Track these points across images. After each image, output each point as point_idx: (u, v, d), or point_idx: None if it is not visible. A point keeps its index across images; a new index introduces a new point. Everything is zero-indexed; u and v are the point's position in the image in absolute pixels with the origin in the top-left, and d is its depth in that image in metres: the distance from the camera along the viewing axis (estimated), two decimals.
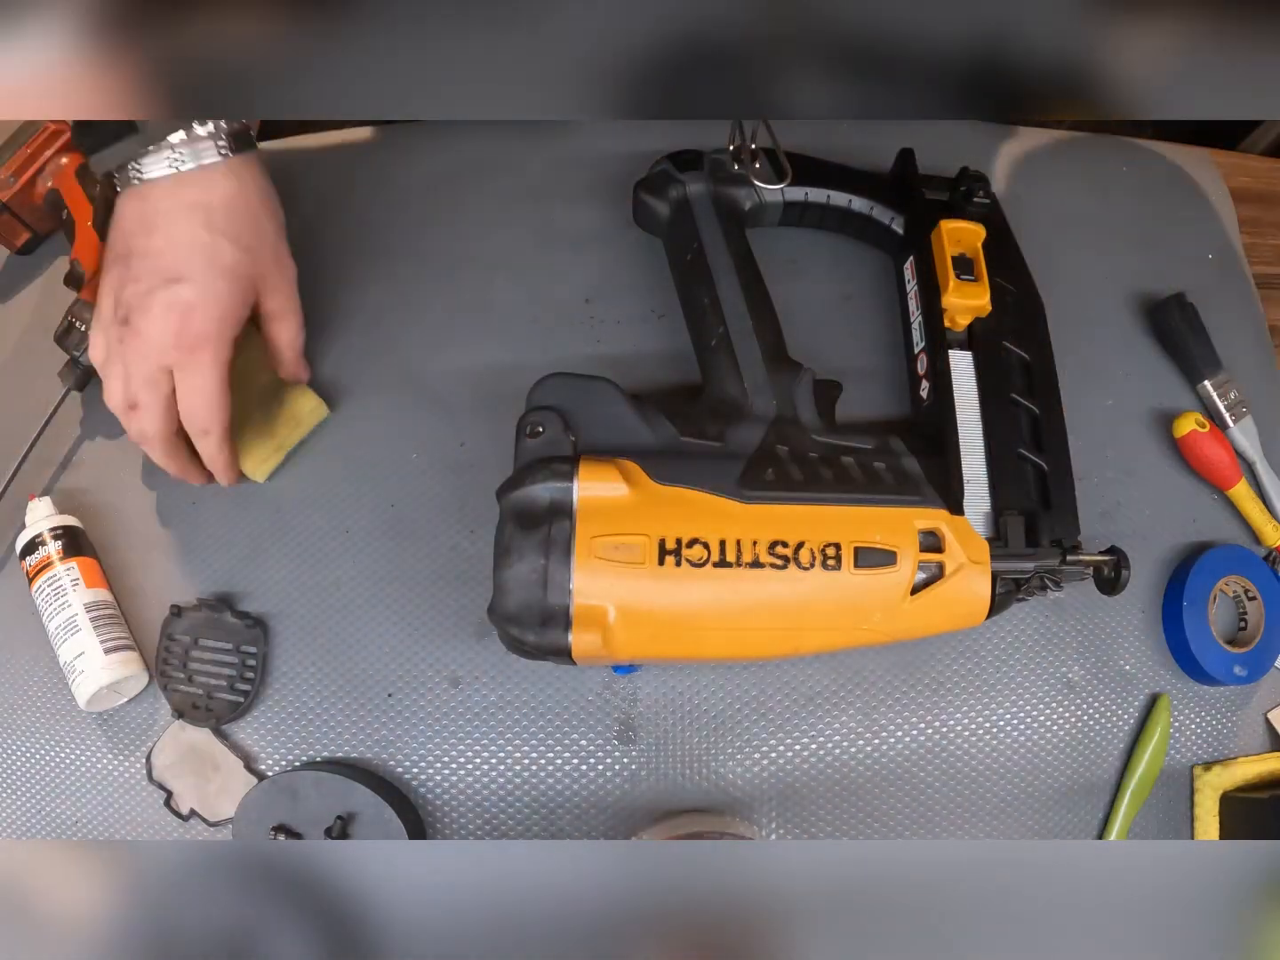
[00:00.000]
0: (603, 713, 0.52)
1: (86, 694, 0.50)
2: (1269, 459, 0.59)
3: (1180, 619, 0.54)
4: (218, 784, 0.51)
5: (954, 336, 0.54)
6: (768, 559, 0.44)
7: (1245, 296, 0.66)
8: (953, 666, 0.54)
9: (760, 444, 0.49)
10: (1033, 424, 0.52)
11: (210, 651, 0.53)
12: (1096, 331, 0.62)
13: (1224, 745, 0.54)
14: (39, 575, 0.52)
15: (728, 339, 0.53)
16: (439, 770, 0.52)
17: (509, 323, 0.61)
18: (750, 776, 0.52)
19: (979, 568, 0.46)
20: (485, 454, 0.57)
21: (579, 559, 0.43)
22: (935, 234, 0.56)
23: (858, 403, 0.56)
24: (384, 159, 0.68)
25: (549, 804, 0.51)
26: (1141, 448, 0.59)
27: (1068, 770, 0.53)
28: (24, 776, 0.53)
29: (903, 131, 0.64)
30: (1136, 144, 0.70)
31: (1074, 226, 0.66)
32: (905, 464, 0.49)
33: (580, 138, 0.67)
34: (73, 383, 0.58)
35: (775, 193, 0.59)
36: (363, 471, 0.57)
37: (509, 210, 0.65)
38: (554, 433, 0.47)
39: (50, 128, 0.62)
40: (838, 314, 0.62)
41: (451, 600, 0.54)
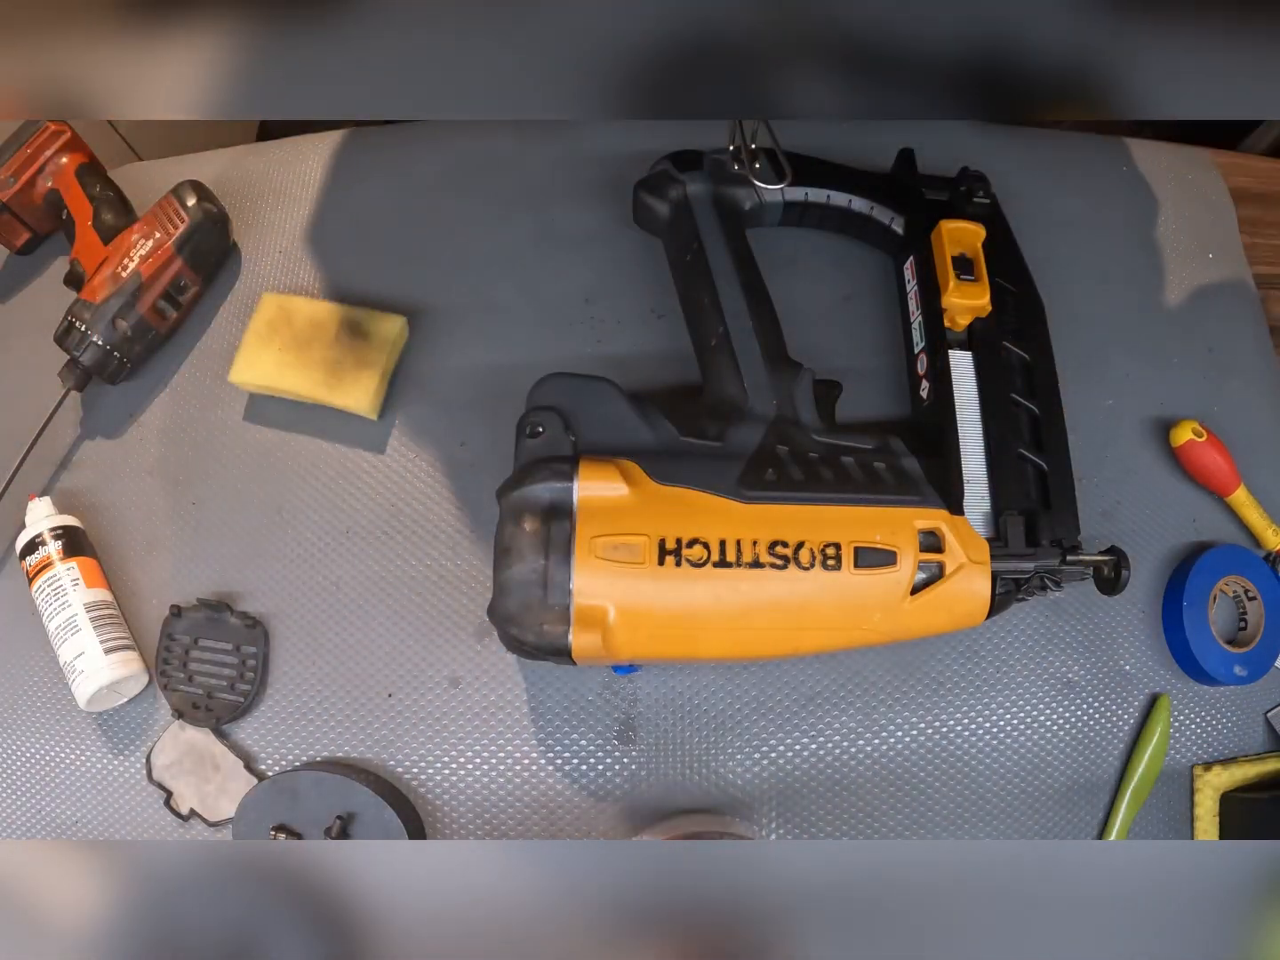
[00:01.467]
0: (603, 713, 0.52)
1: (86, 694, 0.50)
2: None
3: (1180, 619, 0.54)
4: (218, 784, 0.51)
5: (954, 336, 0.54)
6: (768, 559, 0.44)
7: (1245, 296, 0.66)
8: (953, 666, 0.54)
9: (760, 444, 0.49)
10: (1033, 424, 0.52)
11: (210, 651, 0.53)
12: (1096, 331, 0.62)
13: (1224, 745, 0.54)
14: (39, 575, 0.52)
15: (728, 339, 0.53)
16: (439, 770, 0.52)
17: (509, 323, 0.61)
18: (750, 776, 0.52)
19: (979, 568, 0.46)
20: (485, 454, 0.57)
21: (579, 559, 0.43)
22: (935, 234, 0.56)
23: (858, 403, 0.56)
24: (384, 158, 0.68)
25: (549, 804, 0.51)
26: (1141, 448, 0.59)
27: (1068, 770, 0.53)
28: (24, 776, 0.53)
29: (903, 131, 0.64)
30: (1136, 144, 0.70)
31: (1074, 226, 0.66)
32: (905, 464, 0.49)
33: (580, 138, 0.67)
34: (73, 383, 0.58)
35: (775, 193, 0.59)
36: (363, 472, 0.57)
37: (509, 210, 0.65)
38: (554, 433, 0.47)
39: (50, 127, 0.62)
40: (838, 314, 0.62)
41: (451, 600, 0.54)
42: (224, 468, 0.58)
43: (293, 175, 0.68)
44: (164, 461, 0.59)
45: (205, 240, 0.61)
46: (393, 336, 0.58)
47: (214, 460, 0.58)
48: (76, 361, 0.57)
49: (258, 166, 0.68)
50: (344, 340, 0.57)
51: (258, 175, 0.68)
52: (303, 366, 0.57)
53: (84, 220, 0.60)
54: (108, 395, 0.61)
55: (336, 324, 0.58)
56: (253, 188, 0.67)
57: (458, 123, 0.68)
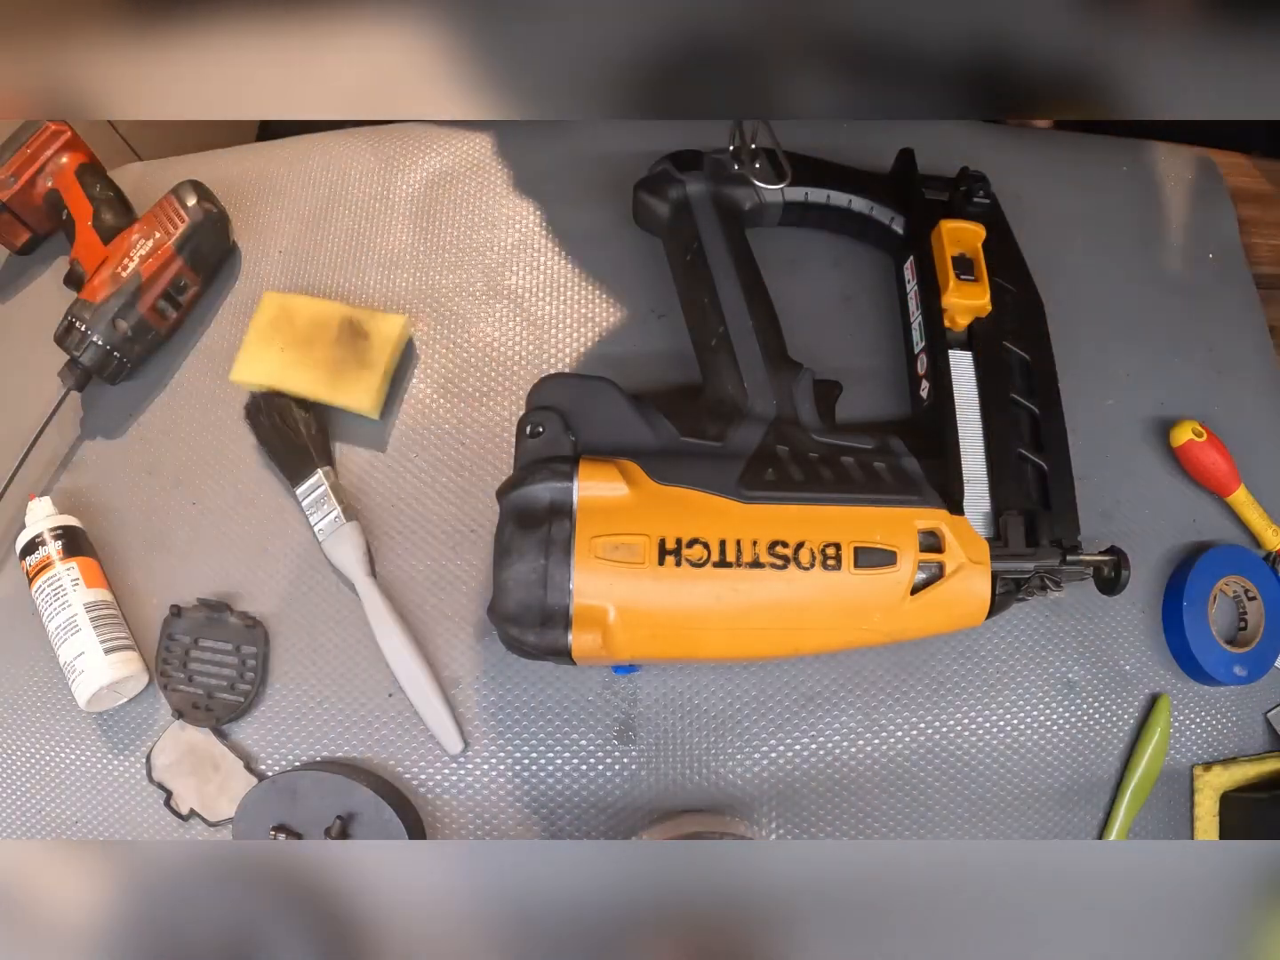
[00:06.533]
0: (603, 713, 0.52)
1: (86, 694, 0.50)
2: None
3: (1180, 619, 0.54)
4: (217, 784, 0.51)
5: (954, 336, 0.54)
6: (768, 559, 0.44)
7: (1245, 296, 0.66)
8: (953, 666, 0.54)
9: (760, 444, 0.49)
10: (1033, 424, 0.52)
11: (210, 652, 0.53)
12: (1096, 331, 0.62)
13: (1224, 745, 0.54)
14: (39, 575, 0.52)
15: (728, 339, 0.53)
16: (439, 770, 0.52)
17: (509, 322, 0.61)
18: (750, 776, 0.52)
19: (979, 568, 0.46)
20: (485, 453, 0.57)
21: (579, 559, 0.43)
22: (935, 234, 0.56)
23: (858, 403, 0.56)
24: (384, 158, 0.68)
25: (549, 804, 0.51)
26: (1141, 448, 0.59)
27: (1068, 770, 0.53)
28: (24, 776, 0.53)
29: (903, 131, 0.64)
30: (1136, 144, 0.70)
31: (1074, 226, 0.66)
32: (905, 464, 0.49)
33: (580, 138, 0.67)
34: (73, 383, 0.58)
35: (775, 193, 0.59)
36: (362, 471, 0.57)
37: (509, 210, 0.65)
38: (554, 433, 0.47)
39: (50, 127, 0.62)
40: (838, 314, 0.62)
41: (451, 600, 0.54)
42: (224, 468, 0.58)
43: (293, 175, 0.68)
44: (164, 461, 0.59)
45: (205, 240, 0.61)
46: (394, 336, 0.58)
47: (214, 460, 0.58)
48: (76, 361, 0.57)
49: (258, 166, 0.68)
50: (345, 339, 0.57)
51: (258, 175, 0.68)
52: (305, 366, 0.57)
53: (84, 220, 0.60)
54: (108, 395, 0.61)
55: (338, 323, 0.58)
56: (253, 188, 0.67)
57: (458, 122, 0.68)
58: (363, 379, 0.57)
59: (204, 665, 0.53)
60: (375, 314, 0.58)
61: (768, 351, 0.52)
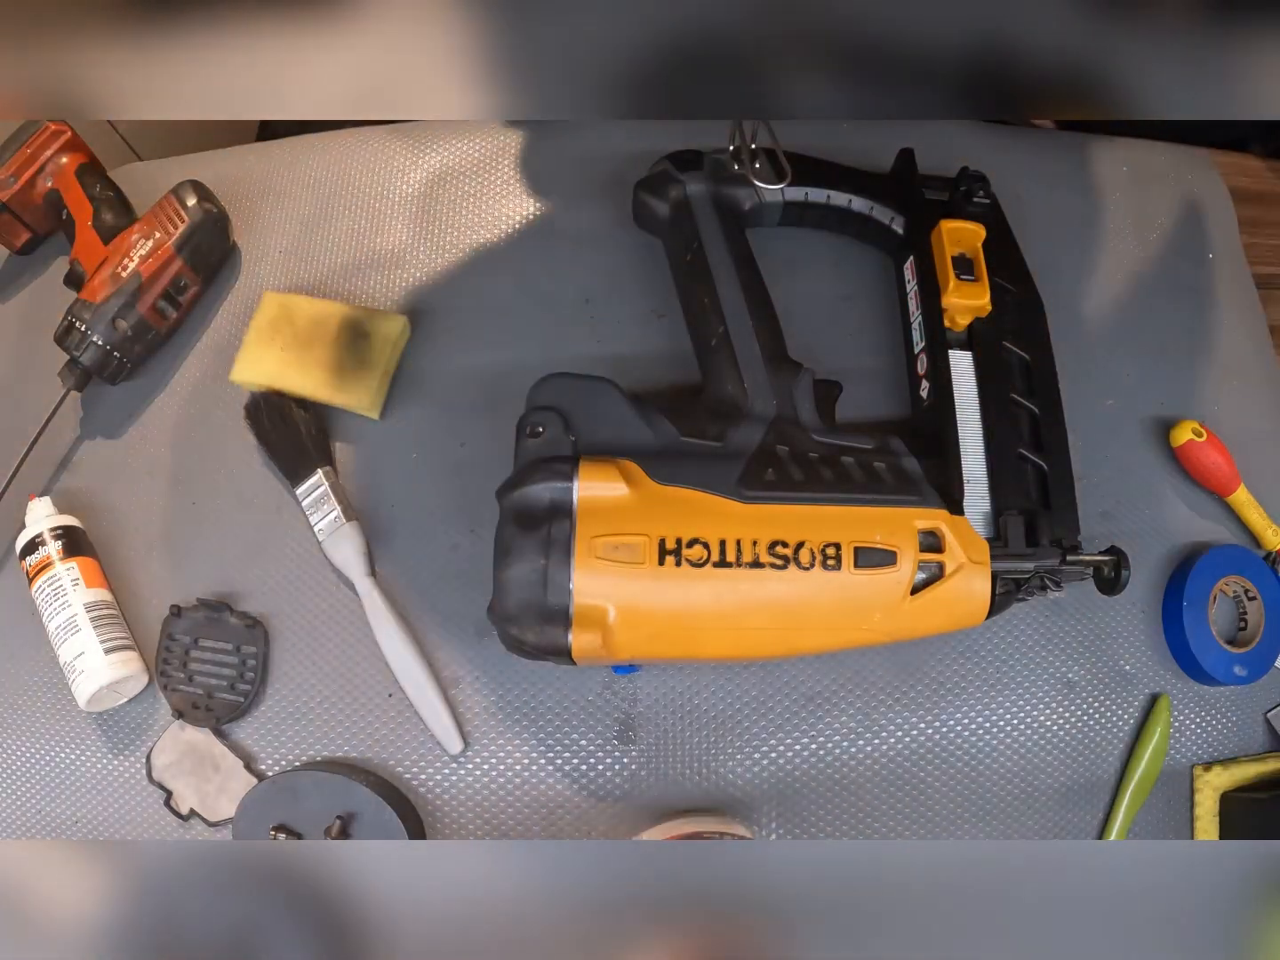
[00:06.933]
0: (603, 713, 0.52)
1: (86, 694, 0.50)
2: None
3: (1180, 619, 0.54)
4: (218, 784, 0.51)
5: (954, 336, 0.54)
6: (768, 559, 0.44)
7: (1245, 296, 0.66)
8: (953, 666, 0.54)
9: (760, 444, 0.49)
10: (1033, 424, 0.52)
11: (210, 651, 0.53)
12: (1097, 331, 0.62)
13: (1224, 745, 0.54)
14: (39, 575, 0.52)
15: (728, 339, 0.53)
16: (439, 770, 0.52)
17: (509, 323, 0.61)
18: (750, 776, 0.52)
19: (979, 568, 0.46)
20: (485, 454, 0.57)
21: (579, 559, 0.43)
22: (935, 234, 0.56)
23: (858, 403, 0.56)
24: (384, 158, 0.68)
25: (549, 804, 0.51)
26: (1142, 448, 0.59)
27: (1068, 770, 0.53)
28: (24, 776, 0.53)
29: (903, 131, 0.64)
30: (1136, 144, 0.70)
31: (1074, 226, 0.66)
32: (905, 464, 0.49)
33: (580, 138, 0.67)
34: (73, 383, 0.58)
35: (775, 193, 0.59)
36: (362, 471, 0.57)
37: (509, 210, 0.65)
38: (554, 433, 0.47)
39: (50, 127, 0.62)
40: (838, 314, 0.62)
41: (451, 600, 0.54)
42: (224, 468, 0.58)
43: (293, 175, 0.68)
44: (164, 461, 0.59)
45: (205, 240, 0.61)
46: (394, 336, 0.58)
47: (214, 460, 0.58)
48: (76, 361, 0.57)
49: (258, 166, 0.68)
50: (346, 340, 0.57)
51: (258, 175, 0.68)
52: (305, 366, 0.57)
53: (84, 220, 0.60)
54: (108, 395, 0.61)
55: (338, 323, 0.58)
56: (253, 188, 0.67)
57: (457, 122, 0.68)
58: (363, 379, 0.57)
59: (204, 665, 0.53)
60: (375, 314, 0.58)
61: (768, 351, 0.52)
